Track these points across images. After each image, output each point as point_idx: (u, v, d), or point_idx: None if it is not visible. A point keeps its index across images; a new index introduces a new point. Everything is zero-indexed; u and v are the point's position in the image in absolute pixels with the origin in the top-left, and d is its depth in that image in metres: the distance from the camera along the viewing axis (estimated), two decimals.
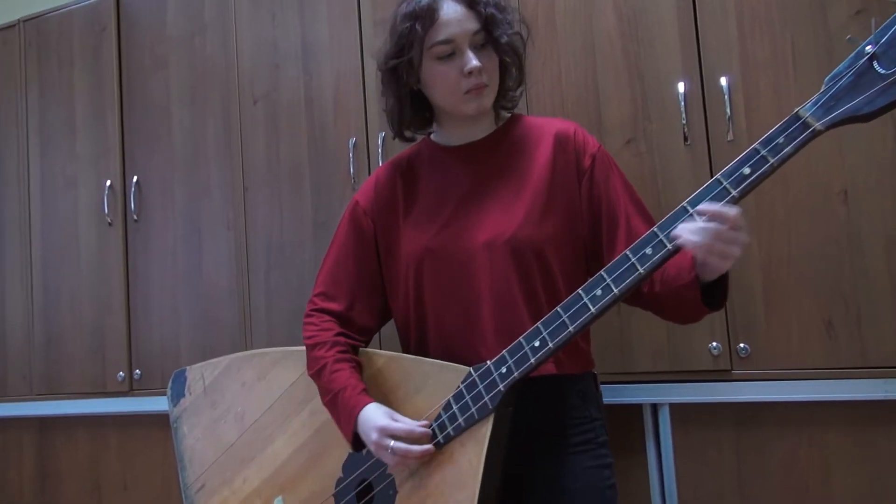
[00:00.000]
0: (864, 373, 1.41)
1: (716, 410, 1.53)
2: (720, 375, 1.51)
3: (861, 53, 0.96)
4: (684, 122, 1.54)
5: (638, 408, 1.59)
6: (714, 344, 1.51)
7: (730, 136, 1.51)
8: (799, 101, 1.45)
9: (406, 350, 1.34)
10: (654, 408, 1.58)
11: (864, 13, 1.44)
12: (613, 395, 1.57)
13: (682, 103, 1.54)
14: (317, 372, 1.28)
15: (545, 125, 1.31)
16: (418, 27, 1.21)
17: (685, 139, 1.55)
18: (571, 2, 1.67)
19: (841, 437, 1.44)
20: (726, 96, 1.51)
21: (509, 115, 1.36)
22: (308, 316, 1.35)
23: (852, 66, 0.97)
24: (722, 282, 1.11)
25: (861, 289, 1.43)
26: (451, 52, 1.22)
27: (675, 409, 1.55)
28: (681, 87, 1.55)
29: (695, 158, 1.54)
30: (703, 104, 1.54)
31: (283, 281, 1.90)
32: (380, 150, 1.80)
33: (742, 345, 1.50)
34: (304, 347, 1.36)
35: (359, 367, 1.29)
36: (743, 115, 1.51)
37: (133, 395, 2.10)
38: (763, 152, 1.00)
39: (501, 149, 1.30)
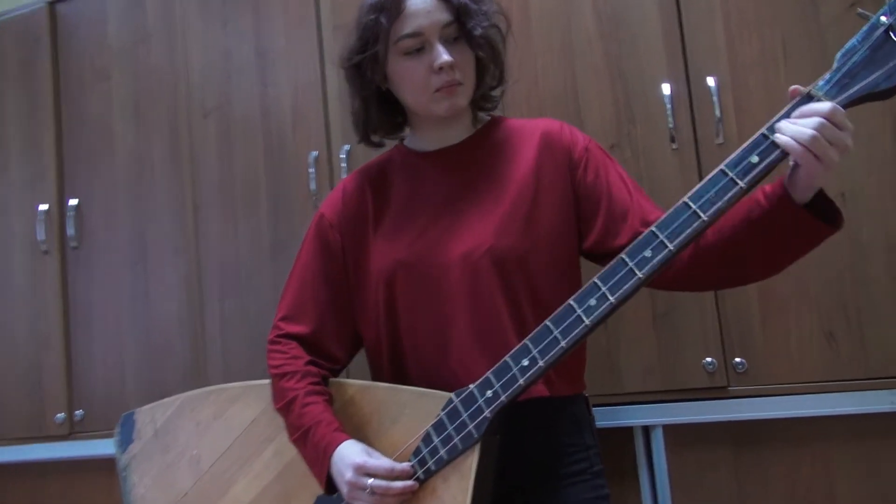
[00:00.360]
0: (869, 384, 1.39)
1: (712, 430, 1.48)
2: (716, 393, 1.48)
3: (876, 25, 0.93)
4: (671, 125, 1.52)
5: (628, 431, 1.55)
6: (708, 359, 1.48)
7: (719, 139, 1.49)
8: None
9: (378, 378, 1.27)
10: (646, 430, 1.54)
11: (857, 7, 1.43)
12: (601, 417, 1.51)
13: (669, 105, 1.52)
14: (285, 405, 1.21)
15: (529, 126, 1.27)
16: (383, 19, 1.16)
17: (672, 142, 1.52)
18: (547, 0, 1.65)
19: (845, 453, 1.41)
20: (714, 97, 1.49)
21: (489, 117, 1.31)
22: (273, 343, 1.27)
23: (867, 40, 0.94)
24: (818, 202, 1.00)
25: (862, 296, 1.41)
26: (420, 47, 1.17)
27: (669, 430, 1.51)
28: (666, 88, 1.53)
29: (683, 163, 1.52)
30: (689, 106, 1.52)
31: (240, 308, 1.84)
32: (343, 165, 1.75)
33: (738, 359, 1.46)
34: (265, 381, 1.29)
35: (332, 401, 1.22)
36: (733, 117, 1.50)
37: (74, 439, 2.00)
38: (773, 138, 0.97)
39: (480, 153, 1.25)
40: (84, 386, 1.99)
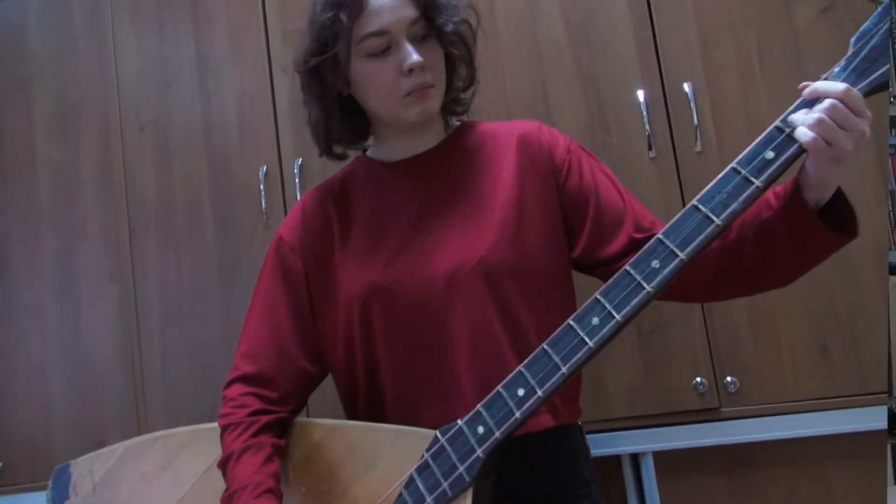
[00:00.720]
0: (865, 400, 1.34)
1: (705, 455, 1.41)
2: (708, 415, 1.41)
3: (890, 6, 0.88)
4: (648, 132, 1.46)
5: (616, 460, 1.47)
6: (698, 379, 1.41)
7: (698, 147, 1.44)
8: (770, 105, 1.42)
9: (352, 416, 1.16)
10: (635, 458, 1.46)
11: (831, 10, 1.41)
12: None
13: (645, 112, 1.46)
14: (223, 463, 1.09)
15: (504, 129, 1.18)
16: (343, 16, 1.05)
17: (649, 150, 1.46)
18: (513, 6, 1.58)
19: (844, 472, 1.36)
20: (691, 103, 1.44)
21: (459, 122, 1.22)
22: (226, 386, 1.15)
23: (883, 22, 0.87)
24: (836, 205, 0.93)
25: (854, 308, 1.36)
26: (386, 47, 1.07)
27: (660, 457, 1.43)
28: (640, 95, 1.47)
29: (662, 172, 1.46)
30: (666, 112, 1.47)
31: (184, 340, 1.70)
32: (297, 180, 1.64)
33: (729, 378, 1.40)
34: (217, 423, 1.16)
35: (277, 452, 1.09)
36: (711, 123, 1.45)
37: None
38: (789, 131, 0.89)
39: (455, 160, 1.15)
40: (3, 433, 1.81)
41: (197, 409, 1.66)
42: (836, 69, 0.90)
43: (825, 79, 0.90)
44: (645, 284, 0.92)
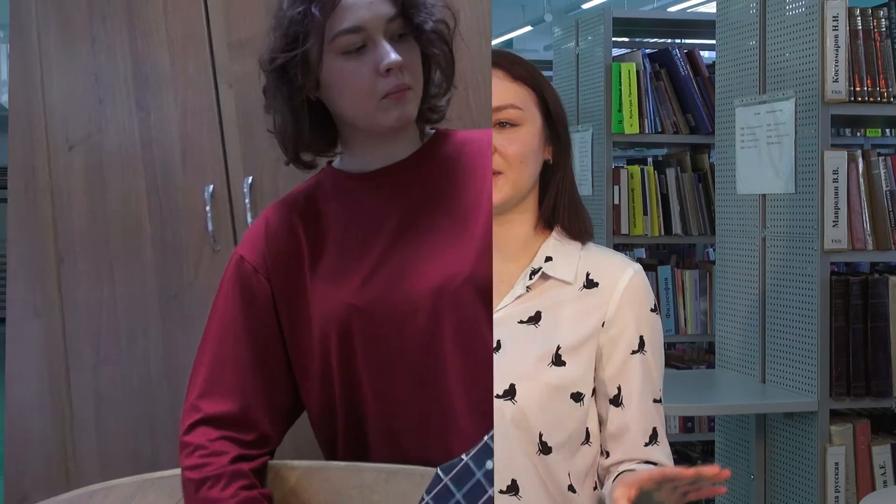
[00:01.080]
0: None
1: None
2: None
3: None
4: None
5: None
6: None
7: None
8: None
9: (331, 455, 1.03)
10: None
11: None
12: None
13: None
14: None
15: (485, 136, 1.07)
16: (315, 10, 0.96)
17: None
18: (474, 11, 1.48)
19: None
20: None
21: (433, 130, 1.11)
22: (187, 432, 1.00)
23: None
24: None
25: None
26: (362, 45, 0.97)
27: None
28: None
29: None
30: None
31: (121, 380, 1.56)
32: (246, 199, 1.51)
33: None
34: (168, 472, 1.03)
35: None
36: None
37: None
38: None
39: (434, 169, 1.05)
40: None
41: (136, 457, 1.52)
42: None
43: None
44: None
